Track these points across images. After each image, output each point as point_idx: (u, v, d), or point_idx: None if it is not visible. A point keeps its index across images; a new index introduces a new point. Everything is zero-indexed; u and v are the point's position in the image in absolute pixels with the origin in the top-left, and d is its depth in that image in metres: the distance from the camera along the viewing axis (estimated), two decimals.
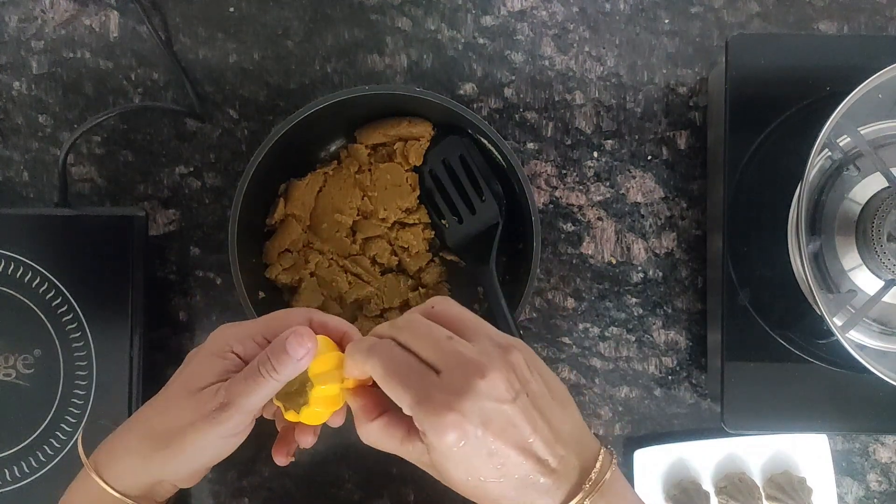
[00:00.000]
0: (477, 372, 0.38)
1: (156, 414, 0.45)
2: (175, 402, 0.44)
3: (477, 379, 0.37)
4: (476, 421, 0.37)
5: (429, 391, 0.38)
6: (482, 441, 0.38)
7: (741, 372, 0.59)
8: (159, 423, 0.44)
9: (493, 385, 0.38)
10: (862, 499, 0.67)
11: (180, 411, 0.43)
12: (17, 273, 0.61)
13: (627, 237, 0.68)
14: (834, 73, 0.59)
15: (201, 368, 0.44)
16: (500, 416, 0.38)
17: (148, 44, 0.68)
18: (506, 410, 0.38)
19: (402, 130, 0.64)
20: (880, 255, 0.54)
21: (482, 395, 0.37)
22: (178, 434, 0.43)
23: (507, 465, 0.38)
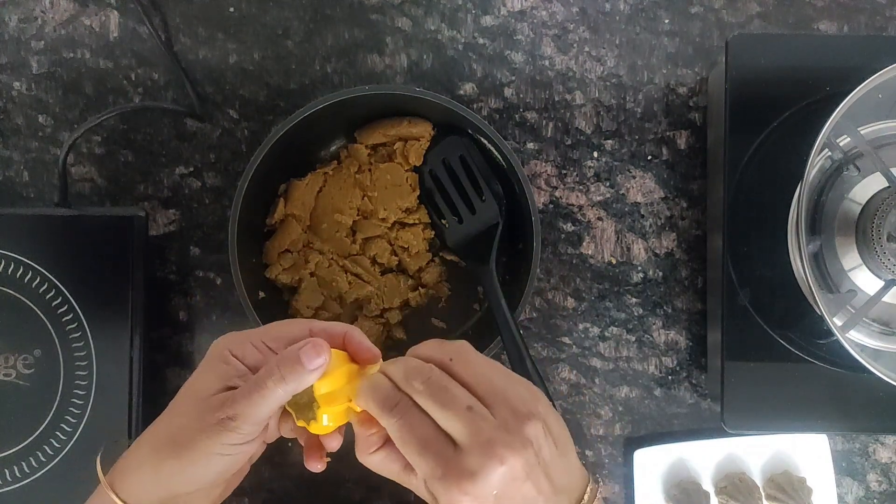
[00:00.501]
0: (496, 457, 0.38)
1: (164, 425, 0.44)
2: (181, 410, 0.44)
3: (497, 464, 0.38)
4: (490, 501, 0.38)
5: (447, 466, 0.38)
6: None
7: (741, 372, 0.59)
8: (167, 433, 0.44)
9: (512, 469, 0.39)
10: (862, 499, 0.67)
11: (187, 420, 0.43)
12: (17, 273, 0.61)
13: (627, 237, 0.68)
14: (834, 73, 0.59)
15: (205, 376, 0.44)
16: (514, 491, 0.39)
17: (148, 44, 0.68)
18: (519, 487, 0.39)
19: (402, 130, 0.64)
20: (880, 255, 0.54)
21: (500, 480, 0.38)
22: (187, 442, 0.42)
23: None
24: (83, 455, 0.60)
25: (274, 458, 0.67)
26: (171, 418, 0.44)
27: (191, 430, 0.42)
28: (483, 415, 0.39)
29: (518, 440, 0.39)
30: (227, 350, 0.44)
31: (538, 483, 0.40)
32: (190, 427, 0.42)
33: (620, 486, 0.67)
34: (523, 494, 0.39)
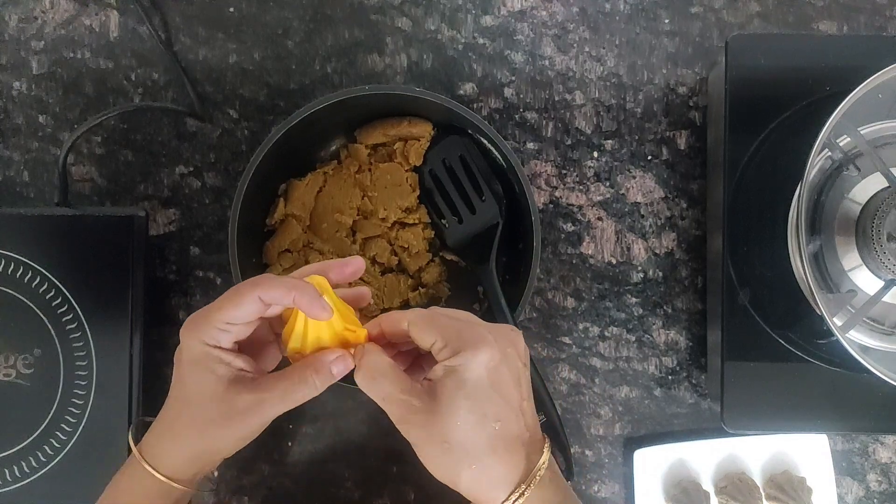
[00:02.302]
0: (508, 328, 0.46)
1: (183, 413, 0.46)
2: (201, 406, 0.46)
3: (509, 330, 0.45)
4: (503, 353, 0.43)
5: (472, 324, 0.45)
6: (499, 370, 0.43)
7: (741, 372, 0.59)
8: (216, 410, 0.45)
9: (518, 341, 0.45)
10: (862, 499, 0.67)
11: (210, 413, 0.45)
12: (17, 273, 0.61)
13: (627, 237, 0.68)
14: (834, 73, 0.59)
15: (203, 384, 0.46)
16: (517, 365, 0.44)
17: (148, 44, 0.68)
18: (521, 368, 0.45)
19: (402, 130, 0.64)
20: (880, 255, 0.54)
21: (511, 343, 0.44)
22: (213, 429, 0.45)
23: (510, 412, 0.43)
24: (83, 455, 0.61)
25: (273, 456, 0.67)
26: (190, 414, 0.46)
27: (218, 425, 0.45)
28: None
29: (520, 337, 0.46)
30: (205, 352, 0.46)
31: (528, 387, 0.45)
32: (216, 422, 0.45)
33: (620, 486, 0.67)
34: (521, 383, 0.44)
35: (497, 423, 0.43)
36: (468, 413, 0.42)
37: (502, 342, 0.44)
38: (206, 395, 0.45)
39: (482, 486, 0.43)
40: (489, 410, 0.43)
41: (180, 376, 0.46)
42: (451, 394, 0.42)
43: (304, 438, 0.67)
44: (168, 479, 0.47)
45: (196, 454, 0.47)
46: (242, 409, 0.45)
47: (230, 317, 0.44)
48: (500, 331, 0.45)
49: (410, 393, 0.43)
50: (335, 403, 0.67)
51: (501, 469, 0.43)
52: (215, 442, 0.46)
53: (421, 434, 0.43)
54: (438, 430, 0.43)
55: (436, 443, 0.43)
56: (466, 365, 0.42)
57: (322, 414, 0.67)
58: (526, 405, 0.44)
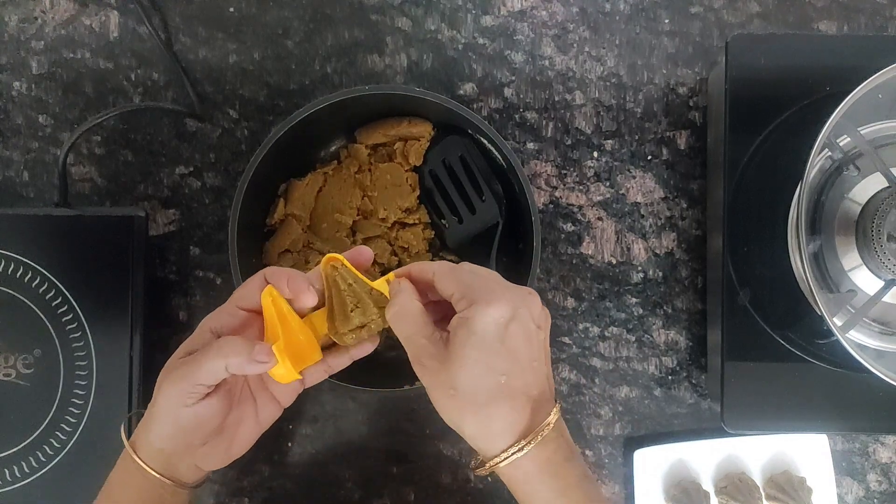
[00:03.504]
0: (526, 290, 0.46)
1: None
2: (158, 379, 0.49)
3: (526, 293, 0.46)
4: (515, 311, 0.44)
5: (488, 281, 0.46)
6: (510, 327, 0.44)
7: (741, 372, 0.59)
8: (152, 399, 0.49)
9: (534, 304, 0.46)
10: (862, 499, 0.67)
11: (156, 385, 0.49)
12: (17, 273, 0.61)
13: (627, 237, 0.68)
14: (834, 73, 0.59)
15: (178, 351, 0.49)
16: (528, 325, 0.45)
17: (148, 44, 0.68)
18: (533, 328, 0.45)
19: (402, 130, 0.64)
20: (880, 255, 0.54)
21: (525, 303, 0.45)
22: (153, 402, 0.48)
23: (517, 367, 0.44)
24: (83, 455, 0.61)
25: (274, 457, 0.67)
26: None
27: (155, 392, 0.48)
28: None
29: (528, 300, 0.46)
30: (206, 323, 0.49)
31: (542, 347, 0.46)
32: (156, 390, 0.48)
33: (620, 486, 0.67)
34: (534, 343, 0.45)
35: (503, 377, 0.43)
36: (474, 363, 0.43)
37: (516, 300, 0.45)
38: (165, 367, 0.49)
39: (484, 435, 0.44)
40: (495, 363, 0.44)
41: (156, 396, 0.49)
42: (462, 343, 0.44)
43: (304, 439, 0.67)
44: (160, 476, 0.48)
45: (152, 438, 0.48)
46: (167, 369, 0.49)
47: (241, 298, 0.49)
48: (517, 291, 0.46)
49: (430, 339, 0.45)
50: (335, 404, 0.67)
51: (503, 421, 0.44)
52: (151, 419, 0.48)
53: (432, 380, 0.45)
54: (447, 377, 0.44)
55: (444, 388, 0.44)
56: (477, 317, 0.43)
57: (322, 415, 0.67)
58: (536, 365, 0.45)
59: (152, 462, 0.48)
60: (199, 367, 0.46)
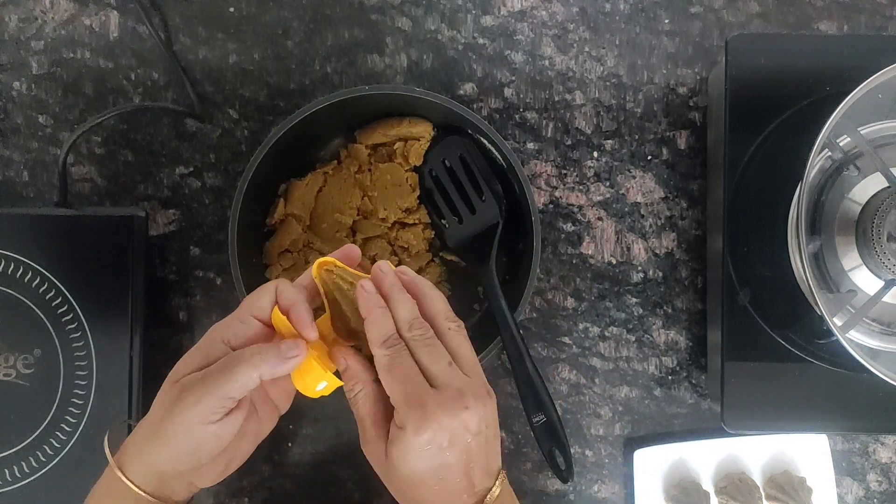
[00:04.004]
0: (463, 404, 0.45)
1: (151, 409, 0.47)
2: (161, 393, 0.47)
3: (462, 409, 0.45)
4: (447, 436, 0.45)
5: (423, 398, 0.45)
6: (442, 451, 0.45)
7: (741, 372, 0.59)
8: (149, 417, 0.47)
9: (470, 418, 0.46)
10: (862, 499, 0.67)
11: (163, 400, 0.46)
12: (17, 273, 0.61)
13: (627, 237, 0.68)
14: (834, 73, 0.59)
15: (188, 359, 0.47)
16: (463, 442, 0.46)
17: (148, 44, 0.68)
18: (468, 440, 0.46)
19: (402, 130, 0.64)
20: (880, 255, 0.54)
21: (460, 422, 0.45)
22: (162, 422, 0.45)
23: (448, 477, 0.46)
24: (83, 455, 0.61)
25: (273, 457, 0.67)
26: (154, 403, 0.47)
27: (164, 410, 0.45)
28: (460, 374, 0.47)
29: (480, 403, 0.46)
30: (217, 334, 0.47)
31: (481, 449, 0.47)
32: (164, 407, 0.45)
33: (620, 486, 0.67)
34: (468, 452, 0.46)
35: (436, 486, 0.46)
36: (411, 473, 0.46)
37: (447, 421, 0.45)
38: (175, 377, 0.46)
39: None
40: (428, 475, 0.46)
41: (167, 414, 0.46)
42: (397, 455, 0.46)
43: (305, 440, 0.67)
44: (150, 497, 0.46)
45: (153, 459, 0.46)
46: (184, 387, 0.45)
47: (254, 307, 0.47)
48: (450, 406, 0.45)
49: (377, 429, 0.47)
50: (335, 405, 0.67)
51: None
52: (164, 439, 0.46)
53: (376, 466, 0.48)
54: (386, 473, 0.48)
55: (385, 477, 0.48)
56: (409, 442, 0.45)
57: (322, 415, 0.67)
58: (474, 466, 0.47)
59: (144, 482, 0.46)
60: (229, 380, 0.44)
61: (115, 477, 0.47)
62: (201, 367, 0.46)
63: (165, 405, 0.45)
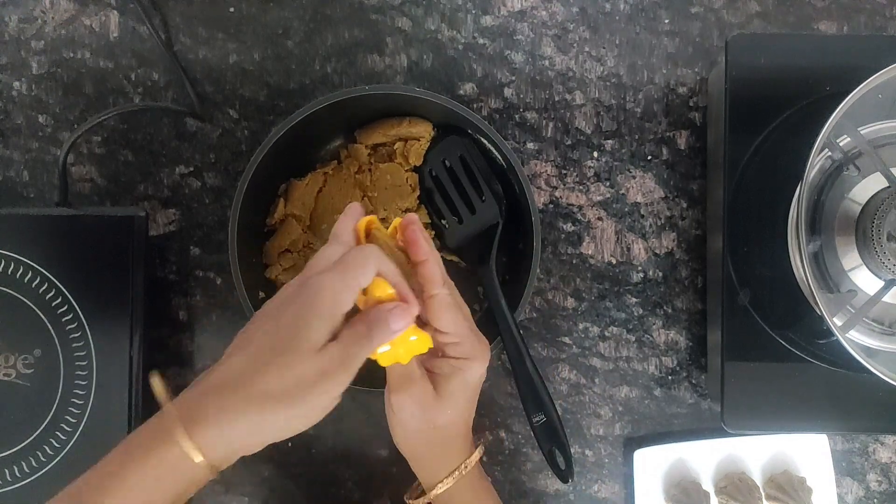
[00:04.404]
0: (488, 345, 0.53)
1: (266, 372, 0.43)
2: (294, 359, 0.43)
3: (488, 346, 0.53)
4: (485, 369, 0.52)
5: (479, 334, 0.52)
6: (479, 387, 0.53)
7: (741, 372, 0.59)
8: (276, 379, 0.42)
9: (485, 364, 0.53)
10: (862, 499, 0.67)
11: (302, 369, 0.42)
12: (17, 273, 0.61)
13: (627, 237, 0.68)
14: (834, 73, 0.59)
15: (316, 329, 0.43)
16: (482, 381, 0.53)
17: (148, 44, 0.68)
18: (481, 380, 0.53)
19: (402, 130, 0.64)
20: (880, 255, 0.54)
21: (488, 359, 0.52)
22: (303, 390, 0.42)
23: (470, 415, 0.54)
24: (83, 455, 0.61)
25: (274, 457, 0.67)
26: (277, 370, 0.42)
27: (308, 384, 0.42)
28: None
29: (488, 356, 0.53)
30: (334, 302, 0.44)
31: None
32: (306, 381, 0.42)
33: (620, 486, 0.67)
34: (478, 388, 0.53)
35: (467, 422, 0.53)
36: (459, 407, 0.51)
37: (486, 359, 0.51)
38: (310, 344, 0.43)
39: (438, 465, 0.53)
40: (468, 409, 0.53)
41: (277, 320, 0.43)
42: (455, 389, 0.50)
43: (304, 439, 0.67)
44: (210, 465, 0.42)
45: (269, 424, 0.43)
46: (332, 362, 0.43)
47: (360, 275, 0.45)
48: (486, 347, 0.52)
49: (423, 375, 0.50)
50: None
51: (456, 454, 0.53)
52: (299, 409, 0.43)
53: (416, 409, 0.50)
54: (433, 414, 0.50)
55: (424, 420, 0.50)
56: (471, 372, 0.51)
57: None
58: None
59: (221, 445, 0.42)
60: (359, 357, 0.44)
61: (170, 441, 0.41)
62: (331, 331, 0.44)
63: (309, 376, 0.42)
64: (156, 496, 0.43)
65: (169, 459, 0.42)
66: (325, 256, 0.46)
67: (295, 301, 0.44)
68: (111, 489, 0.43)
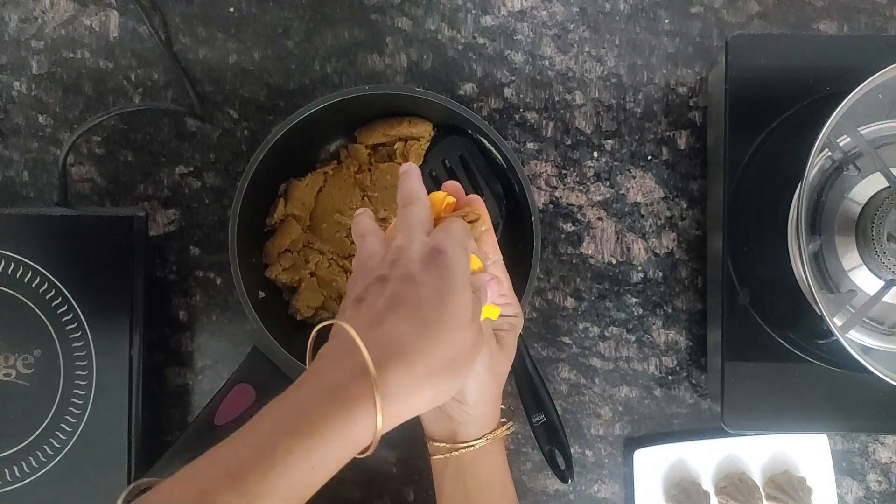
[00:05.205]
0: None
1: (438, 348, 0.43)
2: (460, 333, 0.44)
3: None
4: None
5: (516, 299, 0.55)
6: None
7: (741, 372, 0.59)
8: (450, 356, 0.43)
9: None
10: (862, 499, 0.67)
11: (466, 343, 0.44)
12: (17, 273, 0.61)
13: (627, 237, 0.68)
14: (834, 73, 0.59)
15: (465, 304, 0.44)
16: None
17: (148, 44, 0.68)
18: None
19: (402, 130, 0.64)
20: (880, 255, 0.54)
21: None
22: (469, 361, 0.44)
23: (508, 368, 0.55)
24: (83, 455, 0.60)
25: None
26: (455, 343, 0.43)
27: (468, 352, 0.44)
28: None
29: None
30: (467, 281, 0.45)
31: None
32: (468, 349, 0.44)
33: (620, 486, 0.67)
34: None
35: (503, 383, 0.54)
36: (511, 360, 0.53)
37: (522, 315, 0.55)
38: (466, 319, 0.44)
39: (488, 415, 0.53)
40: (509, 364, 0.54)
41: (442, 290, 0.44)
42: (510, 342, 0.53)
43: None
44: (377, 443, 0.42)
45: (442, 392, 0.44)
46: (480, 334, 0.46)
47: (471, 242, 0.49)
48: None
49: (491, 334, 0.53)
50: None
51: (492, 417, 0.54)
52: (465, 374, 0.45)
53: (484, 358, 0.51)
54: (494, 364, 0.52)
55: (487, 370, 0.51)
56: (520, 327, 0.54)
57: None
58: None
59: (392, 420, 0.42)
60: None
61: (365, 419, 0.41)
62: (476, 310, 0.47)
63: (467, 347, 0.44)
64: (333, 472, 0.42)
65: (356, 434, 0.41)
66: (416, 214, 0.47)
67: (436, 271, 0.44)
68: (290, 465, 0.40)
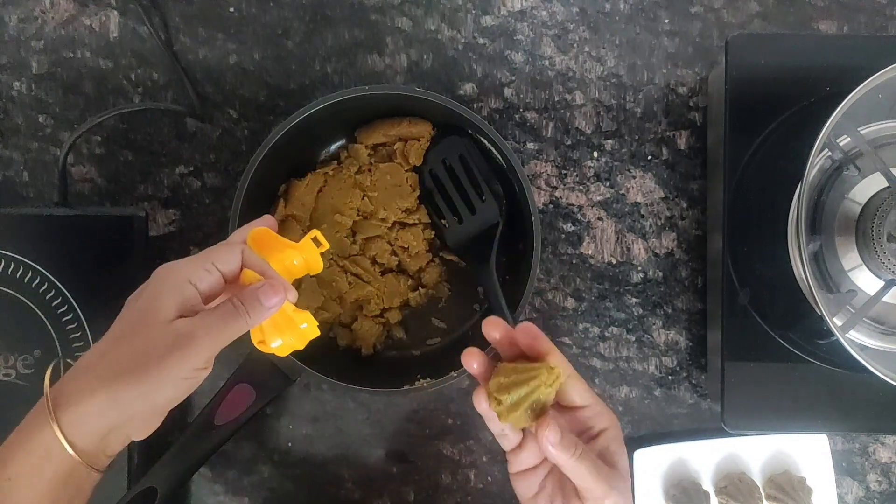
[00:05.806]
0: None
1: (118, 348, 0.44)
2: (143, 332, 0.44)
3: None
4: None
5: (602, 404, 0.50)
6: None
7: (741, 372, 0.59)
8: (126, 353, 0.43)
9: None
10: (862, 499, 0.67)
11: (150, 341, 0.43)
12: (17, 273, 0.61)
13: (627, 237, 0.68)
14: (834, 73, 0.59)
15: (165, 302, 0.44)
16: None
17: (148, 44, 0.68)
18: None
19: (402, 130, 0.64)
20: (880, 255, 0.54)
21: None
22: (151, 362, 0.43)
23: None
24: None
25: (274, 457, 0.67)
26: (127, 344, 0.44)
27: (155, 352, 0.43)
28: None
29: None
30: (185, 278, 0.45)
31: None
32: (154, 352, 0.43)
33: None
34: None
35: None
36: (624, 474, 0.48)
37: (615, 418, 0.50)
38: (158, 317, 0.43)
39: None
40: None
41: (135, 302, 0.45)
42: (619, 455, 0.48)
43: (304, 439, 0.67)
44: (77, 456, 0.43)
45: (122, 401, 0.42)
46: (184, 333, 0.43)
47: (220, 260, 0.46)
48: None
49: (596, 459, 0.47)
50: (335, 404, 0.67)
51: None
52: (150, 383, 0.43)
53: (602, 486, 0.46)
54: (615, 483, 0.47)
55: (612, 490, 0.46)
56: (617, 433, 0.49)
57: (322, 415, 0.67)
58: None
59: (88, 432, 0.42)
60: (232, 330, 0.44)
61: (47, 432, 0.42)
62: (181, 309, 0.44)
63: (157, 348, 0.43)
64: (38, 489, 0.43)
65: (43, 444, 0.42)
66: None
67: (151, 283, 0.46)
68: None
